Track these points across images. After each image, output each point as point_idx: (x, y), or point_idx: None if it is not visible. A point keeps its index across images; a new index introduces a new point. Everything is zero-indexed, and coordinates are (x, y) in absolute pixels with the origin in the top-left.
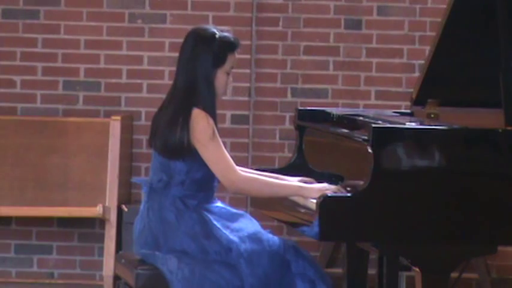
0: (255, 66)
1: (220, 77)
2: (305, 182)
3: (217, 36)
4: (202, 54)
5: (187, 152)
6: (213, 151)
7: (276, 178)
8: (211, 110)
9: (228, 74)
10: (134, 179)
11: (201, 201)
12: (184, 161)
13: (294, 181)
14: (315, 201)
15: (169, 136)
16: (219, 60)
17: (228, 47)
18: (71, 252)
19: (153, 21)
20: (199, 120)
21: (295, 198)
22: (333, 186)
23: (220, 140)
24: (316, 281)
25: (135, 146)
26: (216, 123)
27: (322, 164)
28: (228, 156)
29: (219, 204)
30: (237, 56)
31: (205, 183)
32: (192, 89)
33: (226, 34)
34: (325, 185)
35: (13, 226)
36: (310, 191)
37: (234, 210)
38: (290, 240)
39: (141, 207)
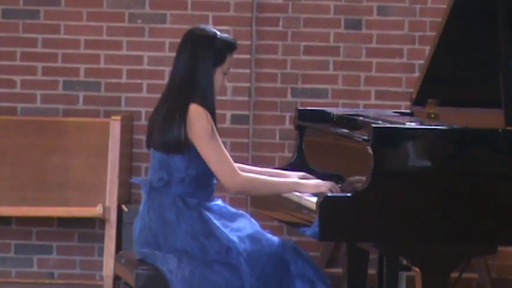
0: (255, 66)
1: (218, 77)
2: (306, 178)
3: (218, 36)
4: (204, 53)
5: (185, 147)
6: (214, 150)
7: (276, 174)
8: (210, 106)
9: (225, 74)
10: (133, 179)
11: (201, 199)
12: (183, 156)
13: (292, 177)
14: (314, 201)
15: (167, 131)
16: (219, 60)
17: (228, 47)
18: (71, 252)
19: (153, 21)
20: (198, 116)
21: (295, 198)
22: (328, 182)
23: (219, 137)
24: (315, 282)
25: (135, 146)
26: (215, 120)
27: (322, 164)
28: (229, 156)
29: (219, 202)
30: (237, 56)
31: (204, 179)
32: (190, 85)
33: (226, 35)
34: (319, 180)
35: (13, 226)
36: (307, 186)
37: (234, 210)
38: (290, 240)
39: (141, 206)
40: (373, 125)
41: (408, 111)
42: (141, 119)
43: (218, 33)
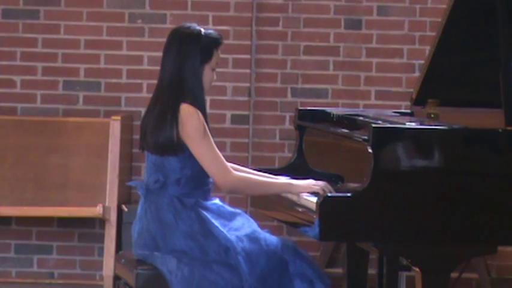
0: (255, 66)
1: (207, 73)
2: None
3: (202, 33)
4: (190, 51)
5: (179, 148)
6: (207, 149)
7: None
8: (200, 104)
9: (213, 70)
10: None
11: (199, 199)
12: (177, 157)
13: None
14: (314, 201)
15: (159, 133)
16: (206, 56)
17: (213, 42)
18: (71, 252)
19: (153, 21)
20: (190, 116)
21: (295, 198)
22: (320, 182)
23: (211, 136)
24: (314, 281)
25: (135, 146)
26: (206, 118)
27: (322, 164)
28: (221, 154)
29: (216, 201)
30: (237, 55)
31: (200, 179)
32: (178, 84)
33: (211, 31)
34: (311, 180)
35: (13, 226)
36: (299, 187)
37: (232, 209)
38: (288, 240)
39: (138, 209)
40: (373, 125)
41: (408, 111)
42: (141, 119)
43: (203, 30)
